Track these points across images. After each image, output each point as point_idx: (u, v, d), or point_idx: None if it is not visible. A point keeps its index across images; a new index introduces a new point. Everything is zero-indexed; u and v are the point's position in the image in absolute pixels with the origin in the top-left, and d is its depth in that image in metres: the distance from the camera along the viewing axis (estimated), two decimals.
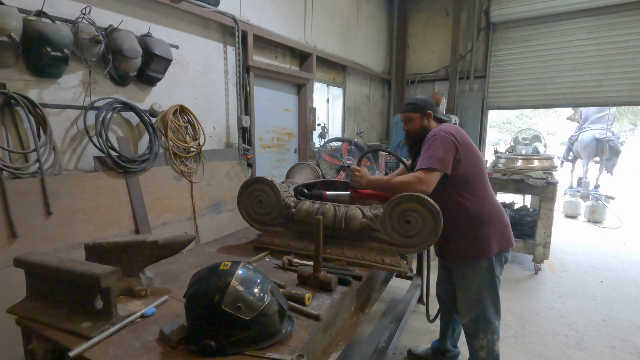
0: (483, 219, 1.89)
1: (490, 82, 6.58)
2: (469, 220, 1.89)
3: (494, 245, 1.89)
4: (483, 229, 1.89)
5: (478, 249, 1.90)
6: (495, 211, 1.93)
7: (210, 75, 3.49)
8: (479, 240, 1.89)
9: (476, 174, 1.88)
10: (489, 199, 1.93)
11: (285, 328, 1.17)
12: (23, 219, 2.06)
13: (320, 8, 5.04)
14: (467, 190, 1.88)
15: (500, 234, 1.91)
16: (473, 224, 1.89)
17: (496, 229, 1.90)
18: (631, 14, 5.39)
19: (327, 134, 5.44)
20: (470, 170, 1.85)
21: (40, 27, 2.09)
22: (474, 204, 1.89)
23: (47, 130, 2.22)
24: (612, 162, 7.15)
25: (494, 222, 1.91)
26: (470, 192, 1.88)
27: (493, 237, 1.89)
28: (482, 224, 1.89)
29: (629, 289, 3.64)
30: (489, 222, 1.90)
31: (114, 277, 1.19)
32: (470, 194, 1.88)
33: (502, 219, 1.95)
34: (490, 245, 1.89)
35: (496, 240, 1.90)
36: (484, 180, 1.93)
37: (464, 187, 1.87)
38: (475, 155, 1.87)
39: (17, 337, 1.43)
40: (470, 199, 1.89)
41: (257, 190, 2.00)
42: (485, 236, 1.89)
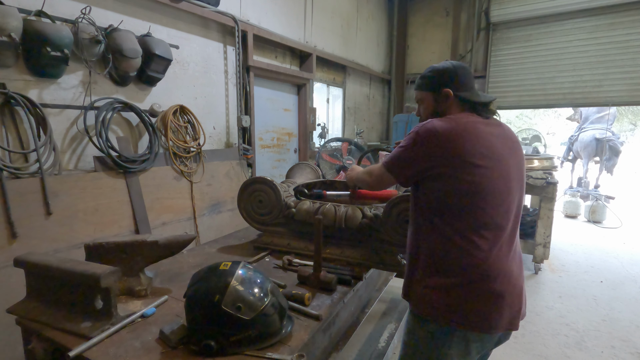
0: (443, 270, 1.21)
1: (490, 82, 6.57)
2: (426, 265, 1.26)
3: (457, 315, 1.19)
4: (444, 288, 1.21)
5: (423, 306, 1.25)
6: (488, 274, 1.17)
7: (210, 75, 3.49)
8: (430, 297, 1.23)
9: (468, 204, 1.17)
10: (484, 250, 1.17)
11: (285, 328, 1.17)
12: (23, 219, 2.06)
13: (320, 8, 5.04)
14: (438, 224, 1.22)
15: (472, 304, 1.18)
16: (429, 272, 1.24)
17: (471, 298, 1.18)
18: (631, 14, 5.39)
19: (327, 134, 5.44)
20: (453, 196, 1.18)
21: (40, 27, 2.09)
22: (444, 246, 1.21)
23: (47, 130, 2.22)
24: (612, 162, 7.15)
25: (472, 289, 1.18)
26: (442, 227, 1.21)
27: (457, 305, 1.19)
28: (439, 275, 1.22)
29: (629, 289, 3.64)
30: (462, 284, 1.18)
31: (114, 277, 1.19)
32: (442, 230, 1.21)
33: (493, 291, 1.17)
34: (449, 311, 1.20)
35: (461, 312, 1.18)
36: (484, 216, 1.17)
37: (436, 217, 1.23)
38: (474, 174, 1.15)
39: (17, 337, 1.43)
40: (439, 238, 1.22)
41: (257, 190, 2.00)
42: (444, 298, 1.21)
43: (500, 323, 1.20)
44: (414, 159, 1.23)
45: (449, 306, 1.20)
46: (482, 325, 1.19)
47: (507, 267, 1.21)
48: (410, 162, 1.25)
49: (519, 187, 1.26)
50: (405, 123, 5.76)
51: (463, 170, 1.16)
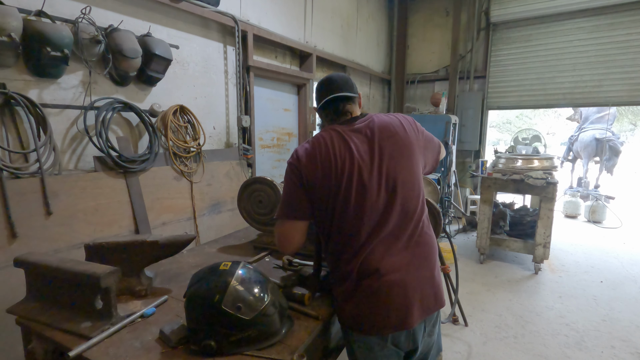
0: (335, 275, 1.33)
1: (490, 82, 6.58)
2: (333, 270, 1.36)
3: (348, 319, 1.28)
4: (334, 287, 1.34)
5: (338, 312, 1.34)
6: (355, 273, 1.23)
7: (210, 75, 3.49)
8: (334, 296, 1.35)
9: (329, 210, 1.25)
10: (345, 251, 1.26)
11: (285, 328, 1.18)
12: (23, 219, 2.06)
13: (320, 8, 5.04)
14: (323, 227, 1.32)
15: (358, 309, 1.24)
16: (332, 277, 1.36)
17: (353, 300, 1.25)
18: (631, 14, 5.39)
19: None
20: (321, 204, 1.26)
21: (40, 27, 2.09)
22: (329, 247, 1.32)
23: (47, 130, 2.22)
24: (612, 162, 7.15)
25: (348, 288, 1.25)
26: (326, 230, 1.31)
27: (346, 307, 1.28)
28: (334, 280, 1.34)
29: (629, 289, 3.65)
30: (340, 283, 1.29)
31: (114, 277, 1.19)
32: (326, 232, 1.31)
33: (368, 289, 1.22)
34: (341, 314, 1.31)
35: (351, 315, 1.27)
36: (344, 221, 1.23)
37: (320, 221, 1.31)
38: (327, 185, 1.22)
39: (17, 337, 1.43)
40: (326, 239, 1.33)
41: (257, 190, 2.00)
42: (337, 298, 1.33)
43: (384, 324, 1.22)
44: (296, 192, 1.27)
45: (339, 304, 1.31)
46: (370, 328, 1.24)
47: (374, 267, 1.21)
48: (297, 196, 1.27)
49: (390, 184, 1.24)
50: None
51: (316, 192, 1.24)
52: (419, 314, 1.24)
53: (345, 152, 1.22)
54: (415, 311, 1.23)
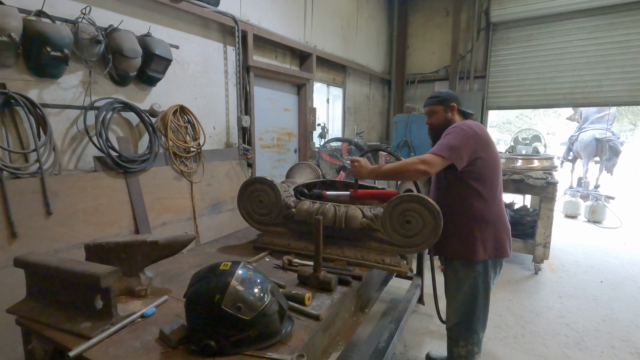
0: (486, 221, 1.83)
1: (490, 82, 6.58)
2: (471, 219, 1.84)
3: (491, 249, 1.84)
4: (484, 231, 1.83)
5: (474, 250, 1.83)
6: (499, 216, 1.86)
7: (210, 75, 3.49)
8: (478, 240, 1.83)
9: (491, 175, 1.82)
10: (496, 203, 1.86)
11: (285, 328, 1.17)
12: (23, 219, 2.06)
13: (320, 8, 5.04)
14: (477, 190, 1.81)
15: (498, 241, 1.85)
16: (475, 223, 1.83)
17: (496, 234, 1.84)
18: (631, 14, 5.39)
19: (327, 134, 5.44)
20: (485, 170, 1.80)
21: (40, 27, 2.09)
22: (480, 204, 1.82)
23: (47, 130, 2.22)
24: (612, 162, 7.15)
25: (496, 227, 1.84)
26: (480, 191, 1.81)
27: (491, 241, 1.83)
28: (483, 226, 1.83)
29: (629, 289, 3.64)
30: (491, 225, 1.83)
31: (114, 277, 1.19)
32: (479, 193, 1.82)
33: (504, 226, 1.88)
34: (487, 248, 1.83)
35: (493, 246, 1.84)
36: (497, 182, 1.85)
37: (476, 185, 1.81)
38: (493, 156, 1.82)
39: (17, 337, 1.43)
40: (478, 198, 1.82)
41: (257, 190, 2.00)
42: (485, 238, 1.83)
43: (507, 249, 1.88)
44: (465, 146, 1.72)
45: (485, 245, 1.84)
46: (503, 253, 1.86)
47: (504, 215, 1.91)
48: (463, 148, 1.72)
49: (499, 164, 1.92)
50: (405, 123, 5.76)
51: (488, 154, 1.81)
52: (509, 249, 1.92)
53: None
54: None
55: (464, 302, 1.90)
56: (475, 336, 1.91)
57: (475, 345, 1.91)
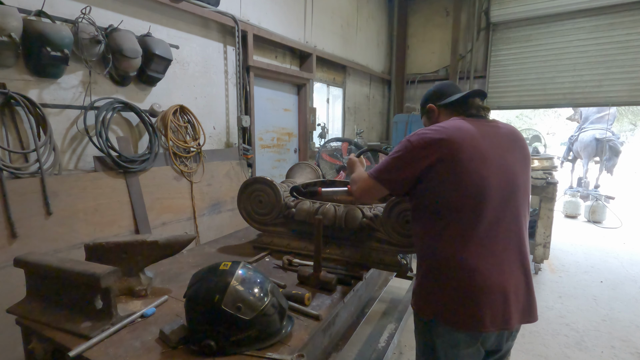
0: (439, 269, 1.25)
1: (490, 82, 6.57)
2: (422, 260, 1.33)
3: (441, 311, 1.23)
4: (431, 283, 1.27)
5: (416, 300, 1.33)
6: (473, 269, 1.18)
7: (210, 75, 3.49)
8: (422, 290, 1.31)
9: (464, 204, 1.18)
10: (473, 248, 1.19)
11: (285, 328, 1.17)
12: (23, 219, 2.06)
13: (320, 8, 5.04)
14: (435, 223, 1.25)
15: (459, 305, 1.20)
16: (425, 267, 1.30)
17: (458, 294, 1.20)
18: (631, 14, 5.39)
19: (327, 134, 5.44)
20: (449, 194, 1.19)
21: (40, 27, 2.09)
22: (433, 243, 1.26)
23: (47, 130, 2.22)
24: (612, 162, 7.15)
25: (459, 285, 1.20)
26: (437, 226, 1.24)
27: (441, 301, 1.24)
28: (432, 275, 1.27)
29: (629, 289, 3.64)
30: (450, 278, 1.22)
31: (114, 277, 1.19)
32: (435, 229, 1.24)
33: (484, 287, 1.17)
34: (434, 306, 1.26)
35: (444, 309, 1.23)
36: (471, 220, 1.18)
37: (433, 216, 1.25)
38: (463, 182, 1.17)
39: (17, 337, 1.43)
40: (431, 233, 1.27)
41: (257, 190, 2.00)
42: (431, 292, 1.27)
43: (486, 321, 1.18)
44: (403, 165, 1.26)
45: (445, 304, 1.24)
46: (467, 324, 1.20)
47: (483, 265, 1.19)
48: (400, 168, 1.26)
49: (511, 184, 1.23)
50: (405, 123, 5.76)
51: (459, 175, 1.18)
52: (518, 317, 1.24)
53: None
54: (516, 313, 1.23)
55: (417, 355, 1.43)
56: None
57: None
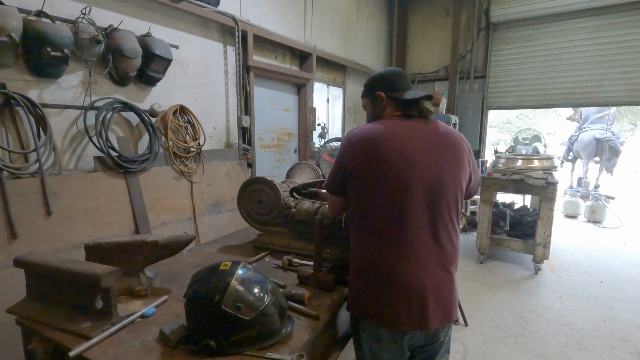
0: (356, 265, 1.32)
1: (490, 82, 6.57)
2: (358, 263, 1.33)
3: (360, 306, 1.30)
4: (352, 277, 1.35)
5: (354, 302, 1.34)
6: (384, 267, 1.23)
7: (210, 75, 3.49)
8: (350, 285, 1.36)
9: (368, 204, 1.24)
10: (376, 245, 1.24)
11: (285, 328, 1.18)
12: (23, 219, 2.06)
13: (320, 8, 5.04)
14: (354, 219, 1.33)
15: (373, 300, 1.26)
16: (361, 271, 1.31)
17: (373, 290, 1.25)
18: (631, 14, 5.39)
19: (327, 134, 5.44)
20: (373, 197, 1.23)
21: (40, 27, 2.09)
22: (354, 238, 1.34)
23: (47, 130, 2.22)
24: (612, 162, 7.15)
25: (373, 280, 1.25)
26: (355, 222, 1.32)
27: (361, 295, 1.30)
28: (353, 270, 1.34)
29: (629, 289, 3.65)
30: (360, 275, 1.30)
31: (114, 277, 1.19)
32: (355, 224, 1.32)
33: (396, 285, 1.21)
34: (354, 301, 1.33)
35: (361, 303, 1.29)
36: (382, 216, 1.22)
37: (361, 218, 1.29)
38: (375, 181, 1.21)
39: (17, 337, 1.43)
40: (354, 231, 1.34)
41: (257, 190, 2.00)
42: (356, 286, 1.33)
43: (400, 321, 1.21)
44: (339, 169, 1.31)
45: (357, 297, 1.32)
46: (387, 323, 1.24)
47: (402, 267, 1.21)
48: (338, 173, 1.32)
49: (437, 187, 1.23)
50: None
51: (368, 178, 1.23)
52: (438, 319, 1.24)
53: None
54: (435, 315, 1.23)
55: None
56: None
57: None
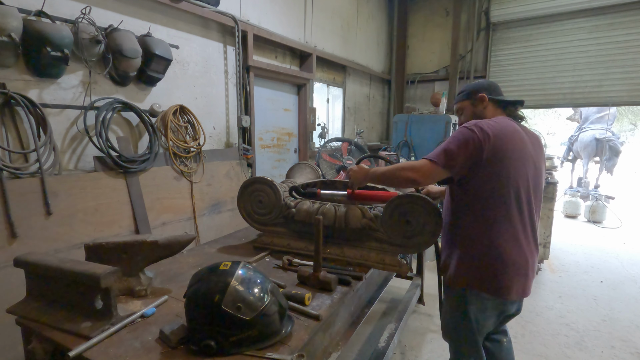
0: (475, 248, 1.48)
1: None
2: (456, 237, 1.55)
3: (475, 281, 1.49)
4: (469, 257, 1.50)
5: (451, 273, 1.55)
6: (502, 251, 1.43)
7: (210, 75, 3.49)
8: (456, 263, 1.54)
9: (495, 195, 1.41)
10: (502, 229, 1.43)
11: (285, 328, 1.18)
12: (23, 219, 2.06)
13: (320, 8, 5.04)
14: (472, 207, 1.47)
15: (489, 274, 1.46)
16: (462, 245, 1.53)
17: (489, 266, 1.46)
18: (631, 14, 5.39)
19: (327, 134, 5.44)
20: (492, 183, 1.40)
21: (40, 27, 2.09)
22: (474, 225, 1.48)
23: (47, 130, 2.22)
24: (612, 162, 7.15)
25: (490, 258, 1.45)
26: (475, 211, 1.47)
27: (476, 272, 1.48)
28: (470, 252, 1.50)
29: (629, 289, 3.64)
30: (482, 253, 1.47)
31: (114, 277, 1.19)
32: (474, 213, 1.47)
33: (509, 262, 1.44)
34: (468, 276, 1.50)
35: (478, 278, 1.48)
36: (509, 203, 1.41)
37: (471, 201, 1.47)
38: (508, 173, 1.39)
39: (17, 337, 1.43)
40: (472, 218, 1.48)
41: (257, 190, 2.00)
42: (466, 265, 1.51)
43: (508, 290, 1.46)
44: (462, 150, 1.40)
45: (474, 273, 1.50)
46: (501, 292, 1.47)
47: (513, 245, 1.44)
48: (460, 153, 1.40)
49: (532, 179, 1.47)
50: (405, 123, 5.76)
51: (508, 165, 1.40)
52: (531, 289, 1.55)
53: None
54: (530, 285, 1.54)
55: (446, 323, 1.70)
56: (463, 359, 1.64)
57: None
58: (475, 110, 1.59)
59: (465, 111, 1.64)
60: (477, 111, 1.58)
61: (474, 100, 1.59)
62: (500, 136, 1.38)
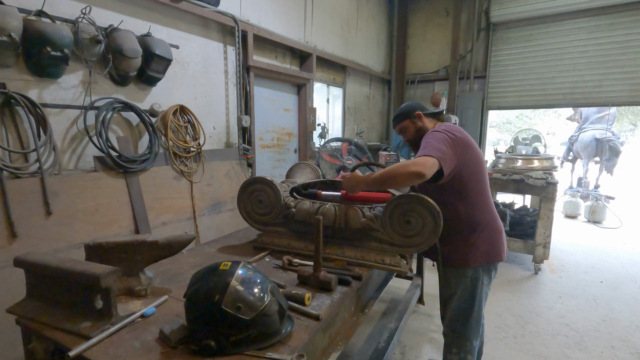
0: (475, 226, 1.76)
1: (490, 82, 6.58)
2: (459, 224, 1.77)
3: (484, 255, 1.77)
4: (474, 237, 1.76)
5: (464, 257, 1.78)
6: (490, 220, 1.79)
7: (210, 75, 3.49)
8: (468, 247, 1.77)
9: (474, 179, 1.74)
10: (483, 207, 1.78)
11: (285, 328, 1.17)
12: (23, 219, 2.06)
13: (320, 8, 5.04)
14: (461, 194, 1.74)
15: (492, 246, 1.78)
16: (462, 230, 1.78)
17: (490, 239, 1.78)
18: (631, 14, 5.39)
19: (327, 134, 5.44)
20: (467, 174, 1.71)
21: (40, 27, 2.09)
22: (467, 209, 1.75)
23: (47, 130, 2.22)
24: (612, 162, 7.15)
25: (488, 232, 1.78)
26: (465, 195, 1.74)
27: (483, 247, 1.77)
28: (471, 232, 1.77)
29: (629, 289, 3.65)
30: (482, 230, 1.77)
31: (114, 277, 1.19)
32: (464, 198, 1.75)
33: (497, 230, 1.81)
34: (478, 254, 1.77)
35: (486, 251, 1.77)
36: (482, 185, 1.78)
37: (459, 190, 1.73)
38: (475, 159, 1.73)
39: (17, 337, 1.43)
40: (464, 203, 1.75)
41: (257, 190, 1.99)
42: (476, 244, 1.77)
43: (501, 253, 1.81)
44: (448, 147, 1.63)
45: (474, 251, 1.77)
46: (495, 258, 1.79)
47: (495, 218, 1.83)
48: (448, 150, 1.62)
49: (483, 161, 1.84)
50: None
51: (469, 156, 1.70)
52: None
53: None
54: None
55: (457, 310, 1.86)
56: (468, 344, 1.86)
57: (469, 353, 1.87)
58: (416, 126, 1.89)
59: (408, 129, 1.92)
60: (418, 126, 1.88)
61: (413, 118, 1.89)
62: (459, 132, 1.72)
